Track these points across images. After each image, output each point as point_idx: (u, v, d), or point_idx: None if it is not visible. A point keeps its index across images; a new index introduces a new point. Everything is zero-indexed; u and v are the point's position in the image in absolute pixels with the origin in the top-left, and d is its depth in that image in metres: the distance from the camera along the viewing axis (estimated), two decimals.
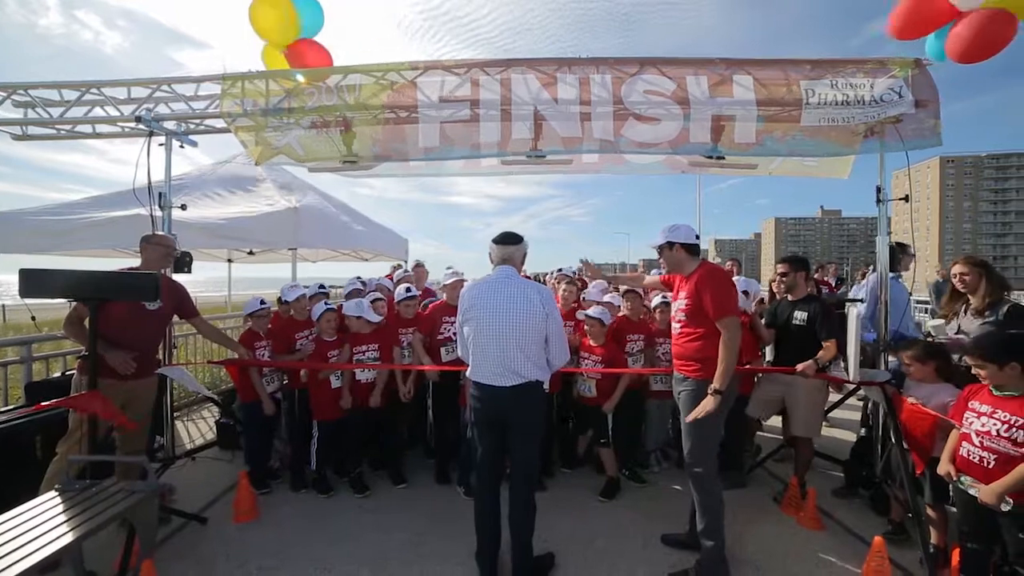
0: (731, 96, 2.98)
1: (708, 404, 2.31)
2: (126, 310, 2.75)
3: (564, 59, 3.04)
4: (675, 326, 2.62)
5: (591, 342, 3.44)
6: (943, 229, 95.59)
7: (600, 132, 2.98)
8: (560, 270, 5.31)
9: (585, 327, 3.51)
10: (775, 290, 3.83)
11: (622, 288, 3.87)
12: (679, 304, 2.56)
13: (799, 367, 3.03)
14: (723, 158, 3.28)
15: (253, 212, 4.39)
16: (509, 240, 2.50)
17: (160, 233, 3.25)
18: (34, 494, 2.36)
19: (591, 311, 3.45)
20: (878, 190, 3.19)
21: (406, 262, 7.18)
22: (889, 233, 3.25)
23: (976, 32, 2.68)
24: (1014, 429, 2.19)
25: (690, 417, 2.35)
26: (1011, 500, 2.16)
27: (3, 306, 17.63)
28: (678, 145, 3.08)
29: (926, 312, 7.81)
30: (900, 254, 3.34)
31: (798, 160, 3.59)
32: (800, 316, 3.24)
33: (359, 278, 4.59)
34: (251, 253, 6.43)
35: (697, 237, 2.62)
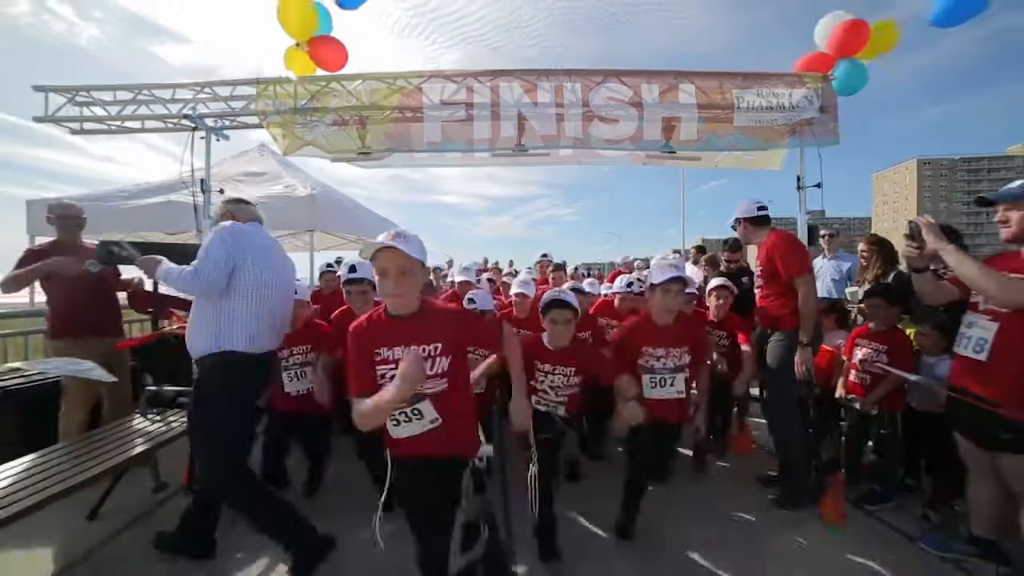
0: (677, 101, 3.70)
1: (803, 356, 2.72)
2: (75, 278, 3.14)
3: (543, 70, 3.73)
4: (756, 290, 3.21)
5: (548, 344, 2.32)
6: None
7: (572, 131, 3.67)
8: (545, 255, 6.00)
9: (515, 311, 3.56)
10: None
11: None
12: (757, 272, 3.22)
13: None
14: (674, 152, 3.99)
15: (276, 194, 5.00)
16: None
17: (67, 203, 3.57)
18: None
19: (515, 285, 3.66)
20: (798, 179, 3.92)
21: None
22: (808, 213, 3.98)
23: None
24: (881, 353, 2.97)
25: (799, 369, 2.75)
26: (878, 407, 2.95)
27: None
28: (636, 141, 3.79)
29: None
30: (816, 235, 4.09)
31: (739, 155, 4.33)
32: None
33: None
34: None
35: (761, 209, 3.11)
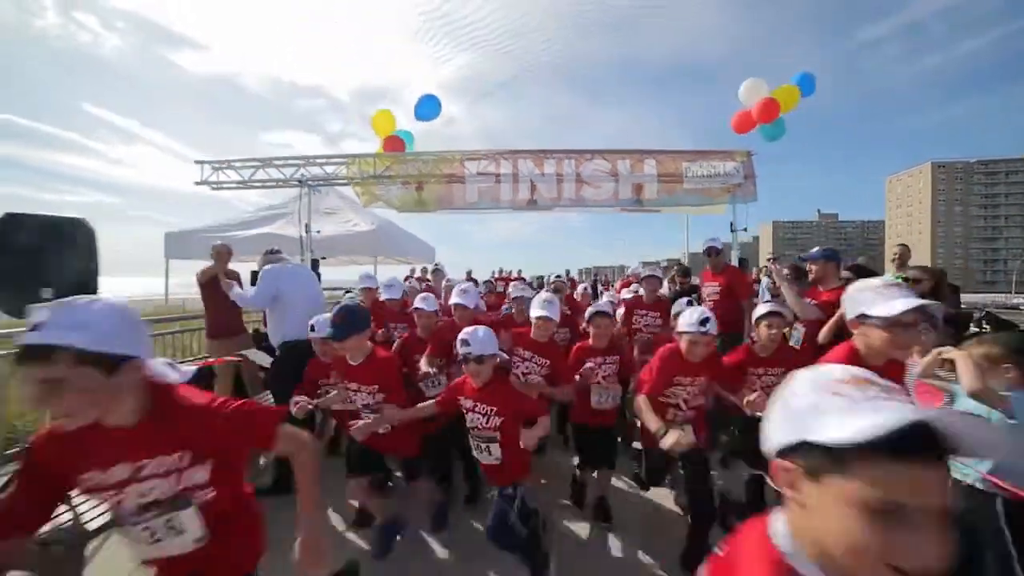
0: (643, 171, 5.26)
1: None
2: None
3: (548, 150, 5.33)
4: (710, 301, 4.09)
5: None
6: (935, 233, 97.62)
7: (568, 193, 5.26)
8: (558, 277, 7.44)
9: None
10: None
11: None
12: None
13: None
14: (642, 205, 5.55)
15: (345, 232, 6.65)
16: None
17: (223, 243, 4.56)
18: None
19: (537, 307, 2.71)
20: (732, 224, 5.44)
21: (432, 265, 9.35)
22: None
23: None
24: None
25: None
26: None
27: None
28: (614, 199, 5.36)
29: None
30: (747, 265, 5.59)
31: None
32: None
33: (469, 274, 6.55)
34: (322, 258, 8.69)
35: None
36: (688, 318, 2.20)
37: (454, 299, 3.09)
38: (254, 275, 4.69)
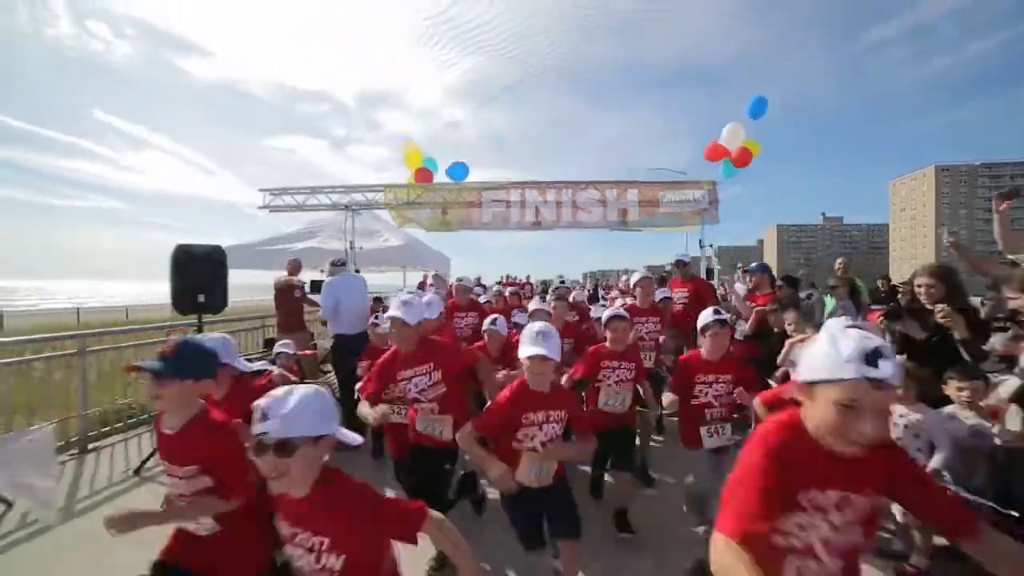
0: (627, 198, 6.45)
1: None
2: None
3: (550, 181, 6.53)
4: (679, 305, 4.75)
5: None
6: (939, 236, 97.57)
7: (566, 216, 6.47)
8: (562, 281, 8.65)
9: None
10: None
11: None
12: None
13: None
14: (627, 225, 6.74)
15: (380, 247, 7.87)
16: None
17: (296, 258, 5.98)
18: None
19: (528, 342, 1.92)
20: (700, 242, 6.61)
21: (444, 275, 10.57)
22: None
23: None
24: None
25: None
26: None
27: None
28: (604, 222, 6.56)
29: None
30: (714, 274, 6.74)
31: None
32: None
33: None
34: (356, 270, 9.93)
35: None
36: (846, 349, 0.98)
37: (391, 311, 2.30)
38: (314, 283, 5.92)
